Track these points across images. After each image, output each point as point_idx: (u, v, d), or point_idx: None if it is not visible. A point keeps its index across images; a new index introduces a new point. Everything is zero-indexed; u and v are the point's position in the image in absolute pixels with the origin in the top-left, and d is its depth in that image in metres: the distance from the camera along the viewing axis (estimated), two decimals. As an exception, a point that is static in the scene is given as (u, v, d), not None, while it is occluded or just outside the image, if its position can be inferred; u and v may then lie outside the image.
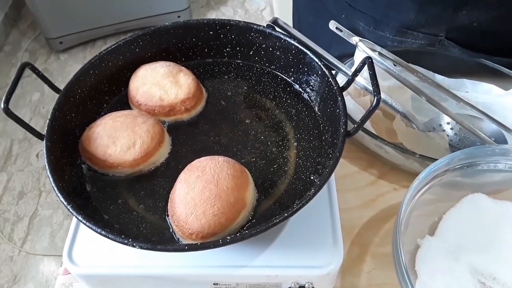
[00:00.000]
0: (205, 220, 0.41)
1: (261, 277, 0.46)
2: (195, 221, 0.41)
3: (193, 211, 0.41)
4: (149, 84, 0.53)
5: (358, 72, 0.47)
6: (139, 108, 0.53)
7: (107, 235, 0.38)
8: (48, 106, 1.91)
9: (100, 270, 0.46)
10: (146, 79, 0.53)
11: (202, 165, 0.44)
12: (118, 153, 0.47)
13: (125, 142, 0.48)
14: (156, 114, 0.52)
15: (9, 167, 1.74)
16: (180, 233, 0.43)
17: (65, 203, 0.40)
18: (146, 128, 0.49)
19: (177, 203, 0.43)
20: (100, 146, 0.47)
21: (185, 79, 0.54)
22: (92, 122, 0.51)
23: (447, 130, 0.65)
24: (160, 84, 0.53)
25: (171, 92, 0.53)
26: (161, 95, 0.52)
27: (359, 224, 0.57)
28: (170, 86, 0.53)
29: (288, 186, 0.48)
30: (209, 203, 0.42)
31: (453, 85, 0.68)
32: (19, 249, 1.52)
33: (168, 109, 0.52)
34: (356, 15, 0.78)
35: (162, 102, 0.52)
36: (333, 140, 0.46)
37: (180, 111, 0.53)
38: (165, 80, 0.53)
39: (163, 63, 0.55)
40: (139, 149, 0.48)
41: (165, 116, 0.53)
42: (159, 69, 0.54)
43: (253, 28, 0.55)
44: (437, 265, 0.49)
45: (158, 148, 0.49)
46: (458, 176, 0.53)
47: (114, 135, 0.48)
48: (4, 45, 2.21)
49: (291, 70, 0.56)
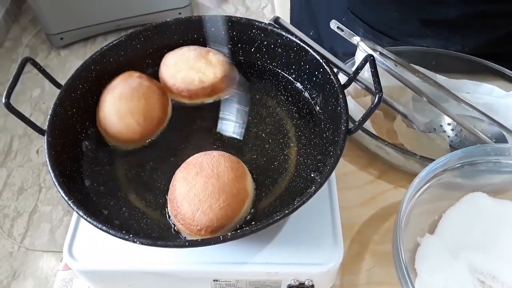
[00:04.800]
0: (213, 213, 0.42)
1: (261, 274, 0.46)
2: (202, 217, 0.41)
3: (199, 207, 0.42)
4: (184, 69, 0.53)
5: (360, 70, 0.47)
6: (180, 95, 0.54)
7: (108, 230, 0.38)
8: (49, 102, 1.91)
9: (100, 265, 0.46)
10: (180, 66, 0.54)
11: (199, 161, 0.45)
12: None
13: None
14: (198, 97, 0.54)
15: (9, 162, 1.74)
16: (187, 231, 0.43)
17: (65, 198, 0.40)
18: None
19: (180, 202, 0.43)
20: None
21: (216, 57, 0.55)
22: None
23: (448, 131, 0.65)
24: (196, 67, 0.53)
25: (208, 72, 0.53)
26: (200, 77, 0.53)
27: (359, 222, 0.57)
28: (206, 67, 0.53)
29: (289, 183, 0.48)
30: (214, 197, 0.42)
31: (454, 86, 0.68)
32: (19, 245, 1.52)
33: (210, 89, 0.53)
34: (356, 22, 0.78)
35: (203, 84, 0.53)
36: (334, 137, 0.46)
37: (221, 89, 0.54)
38: (198, 62, 0.53)
39: (188, 47, 0.56)
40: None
41: (208, 96, 0.54)
42: (188, 53, 0.55)
43: (254, 25, 0.55)
44: (436, 264, 0.49)
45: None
46: (458, 176, 0.53)
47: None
48: (4, 41, 2.21)
49: (292, 67, 0.56)
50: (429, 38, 0.74)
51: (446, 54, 0.71)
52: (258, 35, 0.56)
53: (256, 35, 0.56)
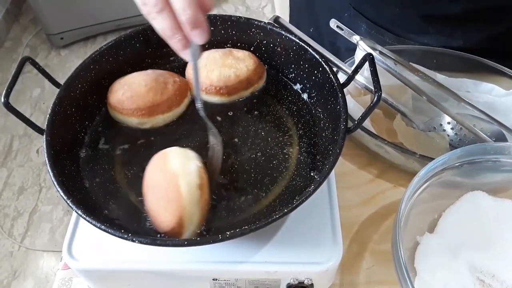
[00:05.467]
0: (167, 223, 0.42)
1: (260, 273, 0.46)
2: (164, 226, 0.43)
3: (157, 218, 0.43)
4: (216, 68, 0.54)
5: (359, 68, 0.47)
6: (218, 93, 0.54)
7: (107, 229, 0.38)
8: (49, 102, 1.91)
9: (99, 265, 0.46)
10: (210, 66, 0.54)
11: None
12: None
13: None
14: (237, 92, 0.54)
15: (9, 162, 1.74)
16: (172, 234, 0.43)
17: (64, 198, 0.40)
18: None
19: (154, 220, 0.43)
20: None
21: (241, 53, 0.56)
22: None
23: (448, 130, 0.65)
24: (227, 64, 0.54)
25: (240, 66, 0.54)
26: (235, 72, 0.54)
27: (358, 222, 0.57)
28: (236, 62, 0.54)
29: (289, 182, 0.48)
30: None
31: (454, 84, 0.68)
32: (19, 245, 1.52)
33: (246, 82, 0.54)
34: (358, 18, 0.78)
35: (239, 78, 0.54)
36: (334, 136, 0.46)
37: (256, 80, 0.55)
38: (227, 60, 0.54)
39: (208, 51, 0.56)
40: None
41: (245, 89, 0.55)
42: (213, 54, 0.55)
43: (254, 24, 0.55)
44: (436, 262, 0.49)
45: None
46: (458, 175, 0.53)
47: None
48: (5, 41, 2.21)
49: (292, 66, 0.56)
50: (430, 34, 0.74)
51: (445, 53, 0.71)
52: (257, 34, 0.56)
53: (256, 34, 0.56)
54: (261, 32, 0.56)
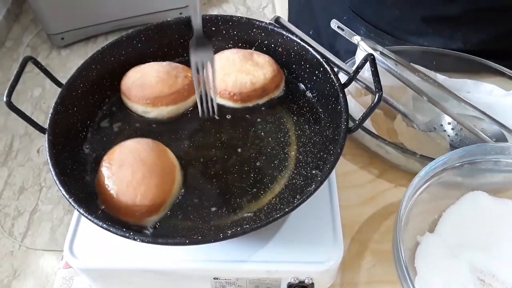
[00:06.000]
0: (151, 193, 0.44)
1: (261, 272, 0.46)
2: (143, 200, 0.44)
3: (137, 193, 0.44)
4: (233, 72, 0.53)
5: (360, 69, 0.47)
6: (232, 99, 0.54)
7: (109, 228, 0.38)
8: (50, 101, 1.92)
9: (101, 263, 0.46)
10: (227, 69, 0.54)
11: (116, 156, 0.46)
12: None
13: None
14: (250, 99, 0.54)
15: (9, 162, 1.75)
16: (134, 219, 0.44)
17: (67, 197, 0.40)
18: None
19: (116, 197, 0.44)
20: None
21: (262, 58, 0.55)
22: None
23: (448, 130, 0.65)
24: (244, 70, 0.53)
25: (258, 74, 0.53)
26: (251, 79, 0.53)
27: (359, 221, 0.57)
28: (254, 68, 0.53)
29: (289, 181, 0.48)
30: (146, 179, 0.44)
31: (454, 85, 0.68)
32: (20, 244, 1.52)
33: (261, 91, 0.54)
34: (357, 20, 0.78)
35: (254, 86, 0.53)
36: (334, 136, 0.47)
37: (272, 89, 0.54)
38: (245, 65, 0.54)
39: (230, 50, 0.56)
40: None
41: (259, 98, 0.54)
42: (233, 56, 0.55)
43: (255, 24, 0.55)
44: (436, 262, 0.49)
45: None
46: (458, 175, 0.53)
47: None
48: (5, 40, 2.21)
49: (293, 66, 0.56)
50: (430, 36, 0.74)
51: (445, 53, 0.71)
52: (258, 35, 0.56)
53: (257, 34, 0.56)
54: (262, 32, 0.56)
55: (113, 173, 0.45)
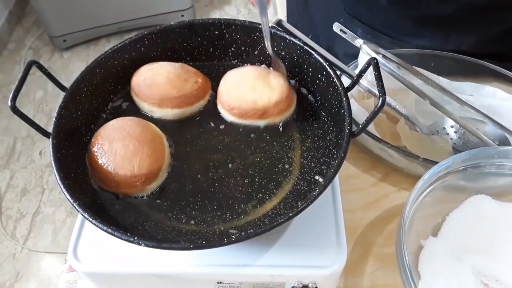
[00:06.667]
0: (146, 163, 0.46)
1: (265, 277, 0.46)
2: (141, 170, 0.46)
3: (133, 165, 0.46)
4: (242, 88, 0.53)
5: (363, 72, 0.47)
6: (231, 112, 0.53)
7: (113, 233, 0.39)
8: (52, 104, 1.92)
9: (105, 267, 0.46)
10: (239, 85, 0.53)
11: (104, 134, 0.48)
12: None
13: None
14: (248, 117, 0.53)
15: (12, 164, 1.75)
16: (133, 190, 0.47)
17: (71, 201, 0.40)
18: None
19: (114, 172, 0.46)
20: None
21: (277, 81, 0.53)
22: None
23: (451, 134, 0.65)
24: (253, 87, 0.53)
25: (264, 95, 0.52)
26: (254, 98, 0.52)
27: (362, 225, 0.57)
28: (263, 89, 0.53)
29: (293, 186, 0.48)
30: (139, 150, 0.47)
31: (457, 88, 0.68)
32: (22, 246, 1.52)
33: (261, 112, 0.52)
34: (354, 23, 0.79)
35: (255, 105, 0.52)
36: (338, 140, 0.47)
37: (273, 113, 0.53)
38: (257, 83, 0.53)
39: (251, 67, 0.56)
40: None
41: (258, 119, 0.53)
42: (249, 73, 0.54)
43: (258, 28, 0.56)
44: (440, 266, 0.49)
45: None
46: (462, 179, 0.53)
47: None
48: (8, 43, 2.22)
49: (295, 70, 0.56)
50: (426, 36, 0.74)
51: (448, 56, 0.71)
52: (261, 38, 0.56)
53: (260, 38, 0.56)
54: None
55: (105, 151, 0.47)
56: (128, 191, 0.47)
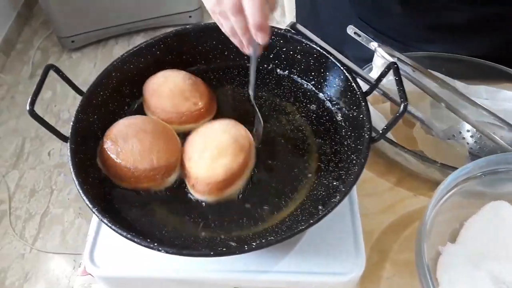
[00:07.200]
0: (164, 155, 0.47)
1: (282, 283, 0.45)
2: (160, 162, 0.47)
3: (152, 157, 0.47)
4: (165, 94, 0.52)
5: (383, 77, 0.46)
6: (154, 115, 0.53)
7: (133, 239, 0.38)
8: (60, 105, 1.92)
9: (121, 272, 0.46)
10: (161, 89, 0.53)
11: (117, 131, 0.48)
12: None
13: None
14: (171, 123, 0.52)
15: (21, 164, 1.76)
16: (153, 183, 0.47)
17: (90, 206, 0.40)
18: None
19: (133, 167, 0.46)
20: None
21: (200, 86, 0.54)
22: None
23: (467, 138, 0.64)
24: (175, 94, 0.52)
25: (187, 101, 0.52)
26: (176, 103, 0.52)
27: (378, 230, 0.56)
28: (189, 95, 0.52)
29: (310, 191, 0.47)
30: (156, 144, 0.48)
31: (473, 92, 0.68)
32: (31, 247, 1.53)
33: (184, 118, 0.52)
34: (364, 27, 0.78)
35: (177, 110, 0.52)
36: (357, 146, 0.46)
37: (194, 119, 0.53)
38: (181, 89, 0.53)
39: (175, 73, 0.55)
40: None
41: (179, 124, 0.52)
42: (174, 78, 0.54)
43: (274, 31, 0.55)
44: (458, 273, 0.48)
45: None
46: (480, 184, 0.52)
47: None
48: (16, 43, 2.23)
49: (311, 74, 0.56)
50: (437, 43, 0.74)
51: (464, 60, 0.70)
52: (277, 42, 0.56)
53: (275, 41, 0.56)
54: (281, 39, 0.55)
55: (121, 148, 0.47)
56: (148, 185, 0.47)
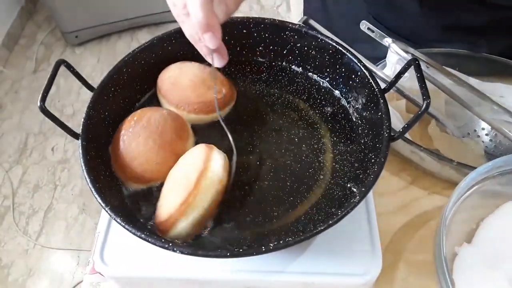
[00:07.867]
0: (148, 167, 0.45)
1: (296, 284, 0.45)
2: (137, 167, 0.45)
3: (136, 157, 0.45)
4: (185, 85, 0.52)
5: (402, 74, 0.45)
6: (178, 109, 0.52)
7: (147, 238, 0.37)
8: (63, 100, 1.91)
9: (132, 271, 0.45)
10: (180, 81, 0.52)
11: (148, 115, 0.48)
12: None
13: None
14: (198, 113, 0.52)
15: (24, 160, 1.75)
16: (122, 175, 0.46)
17: (103, 205, 0.39)
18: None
19: (121, 148, 0.46)
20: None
21: (217, 73, 0.53)
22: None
23: (482, 136, 0.63)
24: (197, 84, 0.52)
25: (210, 89, 0.52)
26: (201, 93, 0.51)
27: (392, 230, 0.55)
28: (208, 84, 0.52)
29: (325, 191, 0.46)
30: (152, 153, 0.46)
31: (487, 89, 0.66)
32: (34, 243, 1.52)
33: (210, 107, 0.51)
34: (378, 27, 0.77)
35: (203, 99, 0.51)
36: (375, 144, 0.45)
37: (220, 106, 0.52)
38: (202, 78, 0.52)
39: (187, 64, 0.55)
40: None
41: (206, 114, 0.52)
42: (190, 69, 0.54)
43: (288, 27, 0.54)
44: (474, 274, 0.47)
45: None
46: (498, 184, 0.51)
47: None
48: (19, 38, 2.22)
49: (326, 70, 0.55)
50: (453, 43, 0.73)
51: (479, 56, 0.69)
52: (291, 37, 0.54)
53: (290, 37, 0.54)
54: (295, 35, 0.54)
55: (132, 127, 0.47)
56: (117, 174, 0.47)
